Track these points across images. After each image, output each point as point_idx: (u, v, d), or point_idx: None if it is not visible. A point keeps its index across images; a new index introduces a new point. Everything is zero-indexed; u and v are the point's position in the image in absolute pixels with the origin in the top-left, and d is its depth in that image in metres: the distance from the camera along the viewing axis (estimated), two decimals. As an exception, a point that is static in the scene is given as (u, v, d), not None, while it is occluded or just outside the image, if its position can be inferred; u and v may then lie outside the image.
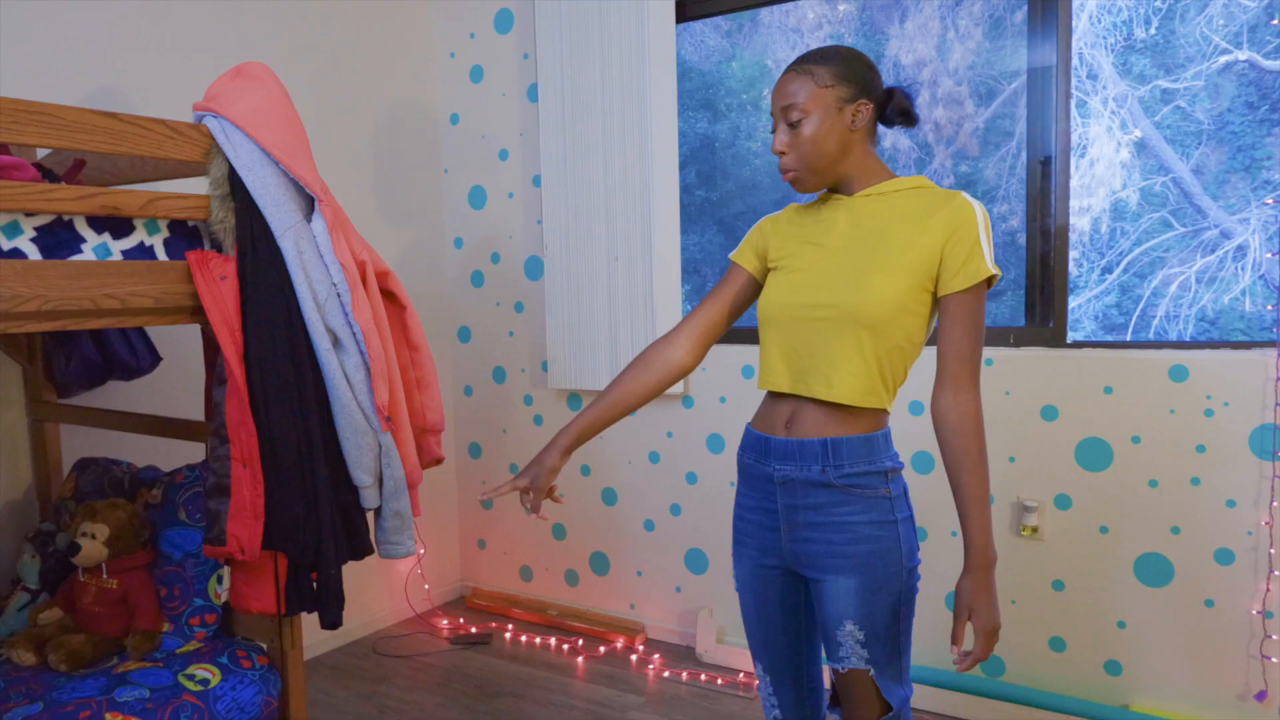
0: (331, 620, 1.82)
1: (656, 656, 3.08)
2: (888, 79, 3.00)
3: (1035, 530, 2.56)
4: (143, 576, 1.98)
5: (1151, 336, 2.93)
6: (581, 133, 3.11)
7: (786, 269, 1.59)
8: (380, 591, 3.40)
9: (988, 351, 2.59)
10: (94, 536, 1.93)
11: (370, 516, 1.92)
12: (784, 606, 1.60)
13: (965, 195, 1.47)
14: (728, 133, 3.44)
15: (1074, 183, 2.64)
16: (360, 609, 3.32)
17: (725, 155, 3.50)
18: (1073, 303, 4.77)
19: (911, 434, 2.65)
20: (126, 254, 1.69)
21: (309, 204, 1.84)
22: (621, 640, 3.20)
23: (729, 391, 3.03)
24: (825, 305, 1.49)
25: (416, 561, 3.49)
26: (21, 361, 2.37)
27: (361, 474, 1.84)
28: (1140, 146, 3.08)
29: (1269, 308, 2.46)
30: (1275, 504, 2.28)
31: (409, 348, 2.01)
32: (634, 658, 3.09)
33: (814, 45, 4.21)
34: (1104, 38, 2.98)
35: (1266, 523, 2.29)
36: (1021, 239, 2.69)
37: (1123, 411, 2.45)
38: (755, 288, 1.69)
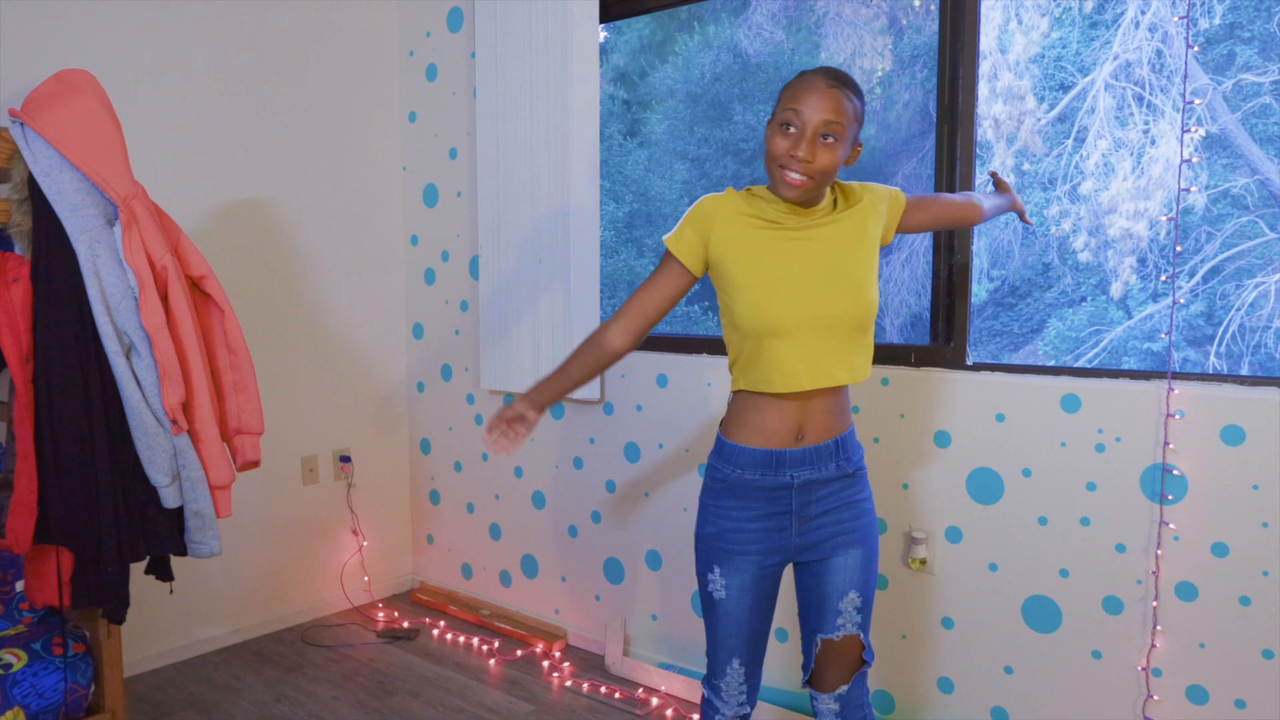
0: (113, 615, 1.86)
1: (567, 665, 3.04)
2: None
3: (924, 563, 2.40)
4: (-22, 561, 2.08)
5: (1223, 349, 2.69)
6: (511, 131, 3.08)
7: (767, 280, 1.62)
8: (323, 581, 3.47)
9: (885, 370, 2.44)
10: (-69, 521, 2.03)
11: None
12: (771, 600, 1.75)
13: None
14: None
15: (1128, 185, 2.46)
16: (300, 597, 3.41)
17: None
18: (1150, 309, 4.43)
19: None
20: (-79, 255, 1.77)
21: (115, 210, 1.88)
22: (541, 645, 3.18)
23: (645, 400, 2.95)
24: (836, 315, 1.62)
25: (358, 552, 3.55)
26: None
27: (157, 474, 1.88)
28: (1211, 145, 2.83)
29: None
30: (1160, 552, 2.06)
31: (228, 351, 2.03)
32: (546, 664, 3.06)
33: (871, 41, 3.97)
34: (1186, 27, 2.76)
35: (1154, 572, 2.08)
36: (1076, 240, 2.51)
37: (1015, 441, 2.26)
38: (692, 283, 1.73)
